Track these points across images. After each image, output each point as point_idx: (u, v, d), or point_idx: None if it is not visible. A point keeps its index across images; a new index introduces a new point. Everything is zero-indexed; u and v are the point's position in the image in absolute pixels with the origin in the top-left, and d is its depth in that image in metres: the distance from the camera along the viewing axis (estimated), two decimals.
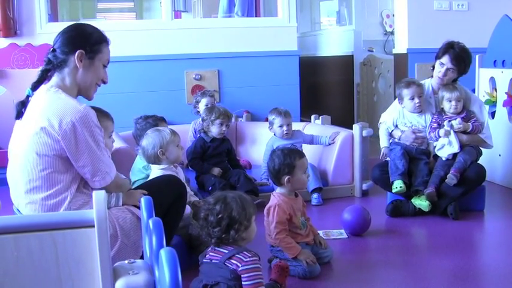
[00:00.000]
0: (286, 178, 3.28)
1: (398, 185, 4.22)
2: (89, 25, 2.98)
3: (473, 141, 4.36)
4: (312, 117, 5.64)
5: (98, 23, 7.48)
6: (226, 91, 6.11)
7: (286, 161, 3.28)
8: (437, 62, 4.44)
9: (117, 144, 3.94)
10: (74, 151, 2.72)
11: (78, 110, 2.72)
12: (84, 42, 2.88)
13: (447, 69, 4.39)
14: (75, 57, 2.84)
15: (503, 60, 5.24)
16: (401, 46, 6.90)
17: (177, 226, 3.23)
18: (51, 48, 2.88)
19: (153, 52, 5.94)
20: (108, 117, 3.19)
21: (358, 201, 4.83)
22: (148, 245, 1.85)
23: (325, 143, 4.86)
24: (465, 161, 4.21)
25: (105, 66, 2.98)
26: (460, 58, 4.36)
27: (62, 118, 2.69)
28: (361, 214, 3.91)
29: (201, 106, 5.34)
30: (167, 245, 1.60)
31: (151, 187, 3.11)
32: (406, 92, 4.38)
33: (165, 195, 3.07)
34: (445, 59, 4.38)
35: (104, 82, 3.02)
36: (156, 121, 4.25)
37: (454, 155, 4.27)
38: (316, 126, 5.35)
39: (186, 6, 9.99)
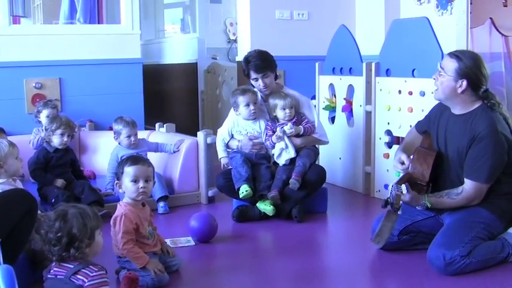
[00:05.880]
0: (116, 182, 3.34)
1: (244, 189, 4.28)
2: None
3: (308, 142, 4.52)
4: (157, 125, 5.62)
5: None
6: (69, 100, 5.93)
7: (120, 166, 3.31)
8: (250, 80, 4.58)
9: None
10: None
11: None
12: None
13: (262, 79, 4.52)
14: None
15: (341, 68, 5.47)
16: (244, 54, 6.99)
17: (26, 242, 3.10)
18: None
19: None
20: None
21: (205, 208, 4.87)
22: None
23: (170, 150, 4.86)
24: (304, 164, 4.36)
25: None
26: (261, 65, 4.50)
27: None
28: (207, 221, 3.95)
29: (43, 117, 5.16)
30: (15, 262, 1.54)
31: None
32: (242, 99, 4.47)
33: (12, 211, 2.93)
34: (253, 74, 4.52)
35: None
36: None
37: (293, 160, 4.41)
38: (161, 134, 5.35)
39: (26, 11, 9.60)
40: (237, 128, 4.57)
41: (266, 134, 4.47)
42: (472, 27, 5.59)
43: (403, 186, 3.36)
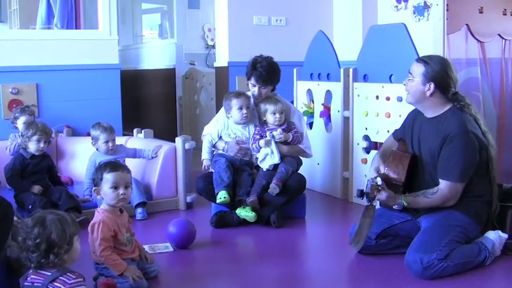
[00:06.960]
0: (94, 189, 3.30)
1: (222, 195, 4.27)
2: None
3: (293, 152, 4.52)
4: (135, 131, 5.59)
5: None
6: (46, 105, 5.89)
7: (98, 172, 3.28)
8: (249, 82, 4.59)
9: None
10: None
11: None
12: None
13: (259, 88, 4.53)
14: None
15: (319, 74, 5.49)
16: (222, 59, 7.03)
17: (1, 250, 3.06)
18: None
19: None
20: None
21: (183, 214, 4.85)
22: None
23: (148, 156, 4.85)
24: (286, 171, 4.36)
25: None
26: (265, 77, 4.50)
27: None
28: (186, 227, 3.94)
29: (20, 123, 5.14)
30: None
31: None
32: (235, 102, 4.46)
33: None
34: (253, 80, 4.53)
35: None
36: None
37: (275, 166, 4.41)
38: (139, 140, 5.32)
39: (2, 16, 9.55)
40: (227, 131, 4.56)
41: (253, 137, 4.47)
42: (448, 33, 5.63)
43: (378, 179, 3.43)
